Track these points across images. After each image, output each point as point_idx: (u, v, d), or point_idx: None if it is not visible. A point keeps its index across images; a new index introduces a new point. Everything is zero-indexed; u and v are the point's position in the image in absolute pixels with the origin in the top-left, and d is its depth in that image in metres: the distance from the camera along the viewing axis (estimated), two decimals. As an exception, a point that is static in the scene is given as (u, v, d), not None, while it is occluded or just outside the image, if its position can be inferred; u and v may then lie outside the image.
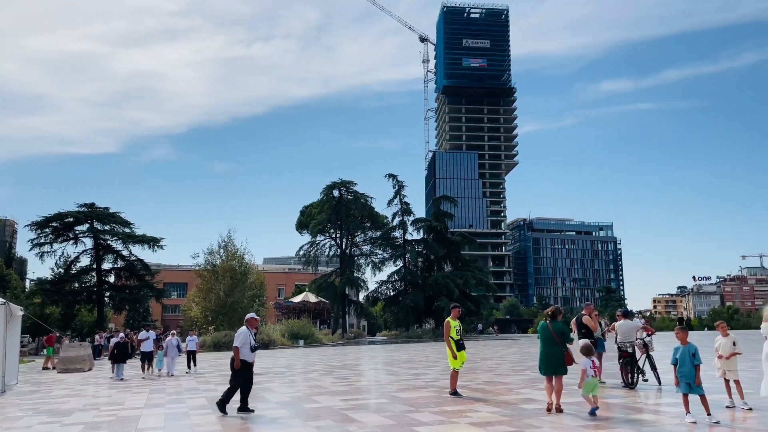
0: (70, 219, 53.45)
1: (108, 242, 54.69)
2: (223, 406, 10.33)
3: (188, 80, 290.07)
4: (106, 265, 55.21)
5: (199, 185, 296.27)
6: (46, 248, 53.02)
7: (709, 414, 8.15)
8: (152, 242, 55.10)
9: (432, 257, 65.56)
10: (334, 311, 61.53)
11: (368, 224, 66.07)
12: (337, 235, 64.48)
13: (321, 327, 56.37)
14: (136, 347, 25.62)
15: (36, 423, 10.27)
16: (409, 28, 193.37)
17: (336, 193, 64.15)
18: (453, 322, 11.66)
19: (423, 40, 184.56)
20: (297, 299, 57.22)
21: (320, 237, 64.61)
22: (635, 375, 12.41)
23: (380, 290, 66.97)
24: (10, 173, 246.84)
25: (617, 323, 12.94)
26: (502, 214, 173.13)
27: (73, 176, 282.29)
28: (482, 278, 66.70)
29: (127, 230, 55.14)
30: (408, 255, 64.89)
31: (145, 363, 19.71)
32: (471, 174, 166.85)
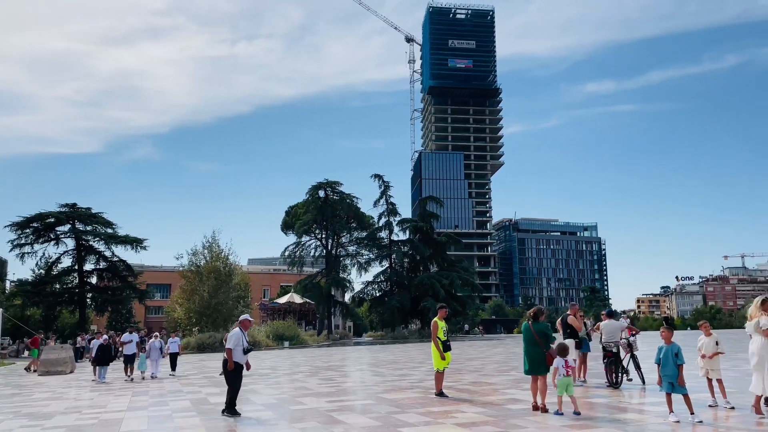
0: (52, 219, 52.81)
1: (90, 243, 54.12)
2: (233, 410, 10.23)
3: (171, 79, 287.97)
4: (88, 266, 54.67)
5: (183, 185, 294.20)
6: (27, 249, 52.42)
7: (693, 413, 8.21)
8: (135, 243, 54.60)
9: (418, 258, 65.66)
10: (320, 312, 61.37)
11: (354, 225, 66.01)
12: (323, 236, 64.33)
13: (306, 328, 56.18)
14: (120, 349, 25.29)
15: (17, 426, 10.09)
16: (395, 29, 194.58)
17: (322, 194, 64.01)
18: (440, 323, 11.65)
19: (409, 41, 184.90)
20: (282, 300, 56.97)
21: (306, 237, 64.43)
22: (620, 375, 12.49)
23: (366, 291, 66.95)
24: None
25: (602, 323, 13.02)
26: (488, 215, 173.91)
27: (55, 176, 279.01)
28: (468, 278, 66.94)
29: (110, 231, 54.61)
30: (394, 255, 64.92)
31: (128, 365, 19.46)
32: (457, 174, 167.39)
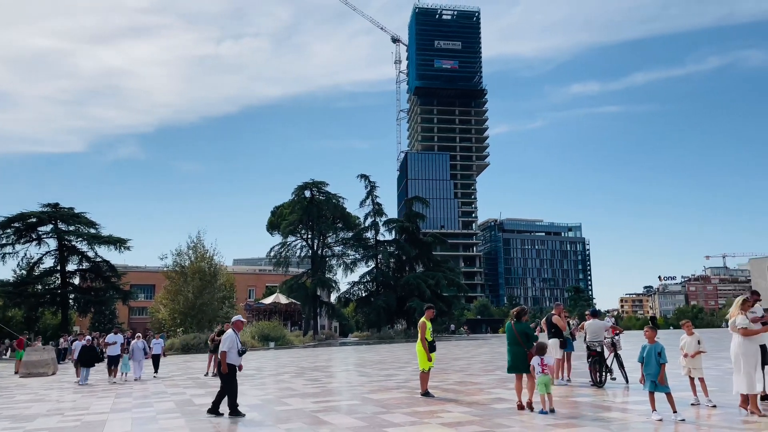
0: (33, 219, 52.07)
1: (73, 243, 53.43)
2: (236, 410, 10.14)
3: (157, 78, 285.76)
4: (71, 267, 53.99)
5: (168, 185, 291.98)
6: (8, 249, 51.53)
7: (675, 411, 8.32)
8: (119, 243, 54.01)
9: (404, 258, 65.71)
10: (306, 313, 61.17)
11: (340, 225, 65.88)
12: (309, 236, 64.13)
13: (292, 328, 55.96)
14: (103, 350, 25.01)
15: (-4, 430, 9.95)
16: (381, 29, 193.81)
17: (307, 194, 63.80)
18: (428, 323, 11.71)
19: (395, 41, 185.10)
20: (267, 301, 56.71)
21: (291, 238, 64.16)
22: (603, 374, 12.60)
23: (352, 291, 66.86)
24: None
25: (586, 323, 13.12)
26: (474, 215, 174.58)
27: (37, 176, 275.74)
28: (454, 279, 67.10)
29: (93, 231, 53.96)
30: (380, 256, 64.91)
31: (112, 367, 19.19)
32: (443, 175, 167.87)
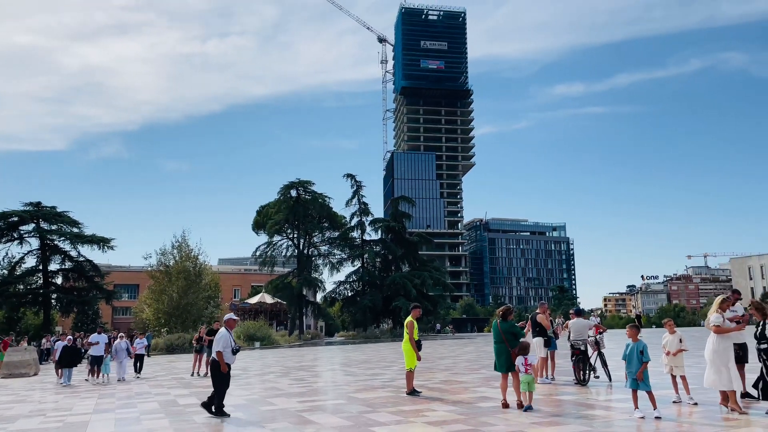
0: (15, 218, 51.42)
1: (55, 242, 52.84)
2: (221, 411, 10.09)
3: (141, 76, 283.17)
4: (53, 266, 53.44)
5: (152, 184, 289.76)
6: (-11, 249, 50.90)
7: (655, 408, 8.44)
8: (102, 242, 53.51)
9: (390, 257, 65.76)
10: (291, 312, 61.01)
11: (326, 224, 65.78)
12: (295, 236, 63.95)
13: (278, 328, 55.79)
14: (86, 350, 24.74)
15: (-24, 431, 9.82)
16: (368, 29, 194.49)
17: (293, 193, 63.62)
18: (415, 323, 11.80)
19: (381, 41, 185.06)
20: (253, 300, 56.50)
21: (277, 237, 63.97)
22: (587, 372, 12.71)
23: (338, 291, 66.79)
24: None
25: (570, 321, 13.23)
26: (459, 215, 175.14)
27: (19, 174, 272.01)
28: (439, 278, 67.30)
29: (76, 230, 53.40)
30: (366, 255, 64.89)
31: (95, 367, 18.96)
32: (429, 175, 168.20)
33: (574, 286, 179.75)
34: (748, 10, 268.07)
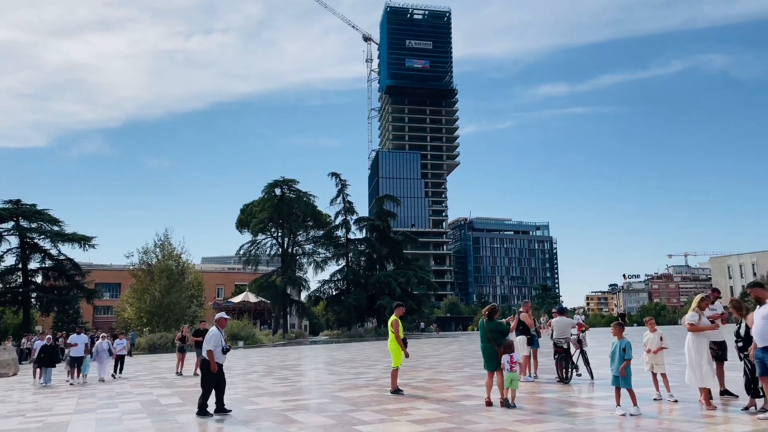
0: (-6, 216, 50.61)
1: (35, 241, 52.11)
2: (204, 410, 10.01)
3: (123, 72, 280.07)
4: (33, 265, 52.72)
5: (134, 181, 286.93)
6: (-33, 247, 50.07)
7: (635, 405, 8.54)
8: (83, 241, 52.86)
9: (374, 256, 65.76)
10: (275, 311, 60.77)
11: (311, 223, 65.62)
12: (279, 234, 63.71)
13: (261, 327, 55.56)
14: (66, 350, 24.40)
15: (-47, 433, 9.65)
16: (353, 27, 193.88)
17: (278, 192, 63.37)
18: (400, 321, 11.88)
19: (366, 40, 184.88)
20: (237, 299, 56.16)
21: (261, 236, 63.67)
22: (569, 370, 12.82)
23: (322, 290, 66.68)
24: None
25: (553, 320, 13.33)
26: (444, 214, 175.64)
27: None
28: (424, 277, 67.43)
29: (56, 228, 52.70)
30: (351, 254, 64.83)
31: (75, 368, 18.66)
32: (413, 174, 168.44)
33: (557, 285, 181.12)
34: (730, 13, 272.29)
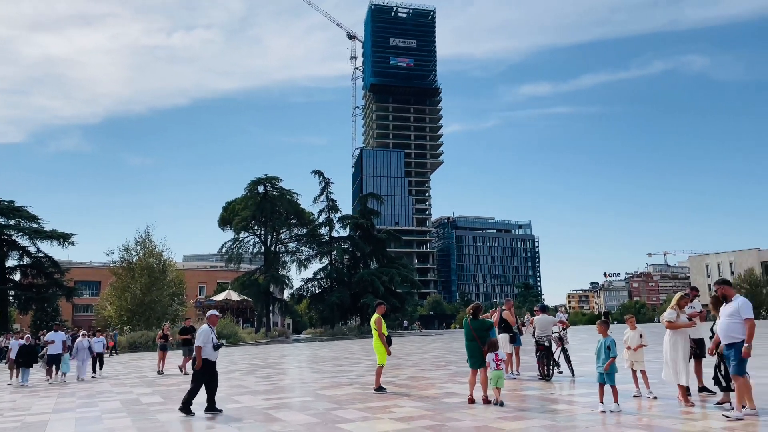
0: (-30, 213, 49.70)
1: (13, 238, 51.27)
2: (187, 408, 9.90)
3: (103, 68, 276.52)
4: (11, 263, 51.93)
5: (115, 178, 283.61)
6: (-58, 244, 49.09)
7: (616, 402, 8.66)
8: (62, 238, 52.11)
9: (358, 254, 65.74)
10: (258, 310, 60.49)
11: (294, 221, 65.41)
12: (262, 232, 63.42)
13: (244, 326, 55.27)
14: (43, 348, 24.02)
15: (-73, 433, 9.46)
16: (337, 25, 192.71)
17: (261, 189, 63.08)
18: (383, 319, 11.90)
19: (351, 37, 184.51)
20: (219, 297, 55.74)
21: (244, 234, 63.34)
22: (551, 367, 12.92)
23: (305, 288, 66.53)
24: None
25: (535, 318, 13.43)
26: (427, 212, 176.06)
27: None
28: (407, 275, 67.59)
29: (35, 225, 51.87)
30: (334, 252, 64.73)
31: (53, 367, 18.35)
32: (397, 172, 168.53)
33: (539, 283, 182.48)
34: (710, 15, 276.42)
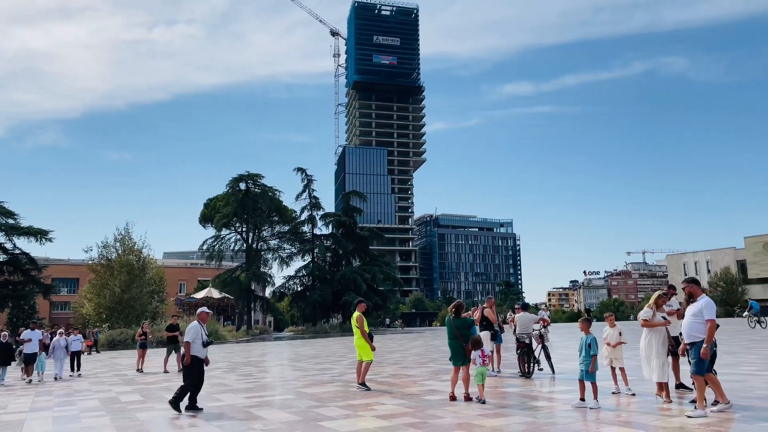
0: (-56, 208, 48.68)
1: (-12, 234, 50.30)
2: (177, 405, 9.82)
3: (83, 62, 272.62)
4: (-14, 259, 50.84)
5: (94, 174, 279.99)
6: None
7: (596, 399, 8.77)
8: (39, 234, 51.27)
9: (340, 252, 65.61)
10: (239, 307, 60.13)
11: (276, 218, 65.07)
12: (244, 229, 63.00)
13: (225, 323, 54.93)
14: (19, 347, 23.63)
15: None
16: (320, 21, 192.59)
17: (243, 186, 62.65)
18: (364, 316, 11.95)
19: (334, 34, 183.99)
20: (199, 295, 55.31)
21: (225, 231, 62.87)
22: (531, 365, 13.04)
23: (287, 285, 66.23)
24: None
25: (516, 315, 13.53)
26: (410, 210, 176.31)
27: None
28: (389, 273, 67.61)
29: (11, 221, 50.93)
30: (316, 250, 64.54)
31: (29, 365, 18.06)
32: (380, 170, 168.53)
33: (520, 281, 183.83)
34: (688, 17, 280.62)
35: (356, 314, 11.96)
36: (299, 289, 65.75)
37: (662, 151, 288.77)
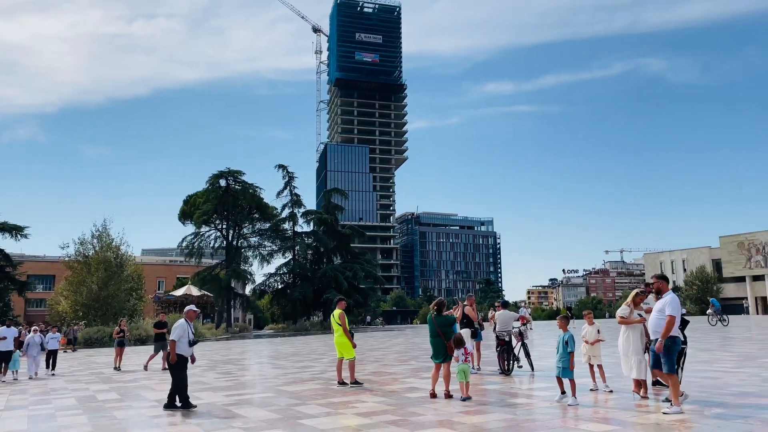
0: None
1: (-39, 230, 49.36)
2: (172, 404, 9.76)
3: (60, 56, 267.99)
4: (-41, 256, 49.90)
5: (71, 169, 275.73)
6: None
7: (574, 396, 8.86)
8: (14, 230, 50.49)
9: (322, 249, 65.45)
10: (219, 305, 59.67)
11: (257, 215, 64.63)
12: (224, 226, 62.50)
13: (204, 321, 54.50)
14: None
15: None
16: (302, 18, 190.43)
17: (223, 183, 62.14)
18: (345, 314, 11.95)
19: (316, 31, 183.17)
20: (178, 293, 54.81)
21: (205, 228, 62.30)
22: (511, 362, 13.14)
23: (268, 283, 65.90)
24: None
25: (496, 313, 13.63)
26: (392, 208, 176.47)
27: None
28: (371, 271, 67.60)
29: (-15, 217, 50.05)
30: (297, 247, 64.29)
31: (2, 364, 17.66)
32: (362, 167, 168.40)
33: (500, 279, 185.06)
34: (668, 19, 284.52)
35: (338, 312, 11.94)
36: (280, 287, 65.44)
37: (641, 152, 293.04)
